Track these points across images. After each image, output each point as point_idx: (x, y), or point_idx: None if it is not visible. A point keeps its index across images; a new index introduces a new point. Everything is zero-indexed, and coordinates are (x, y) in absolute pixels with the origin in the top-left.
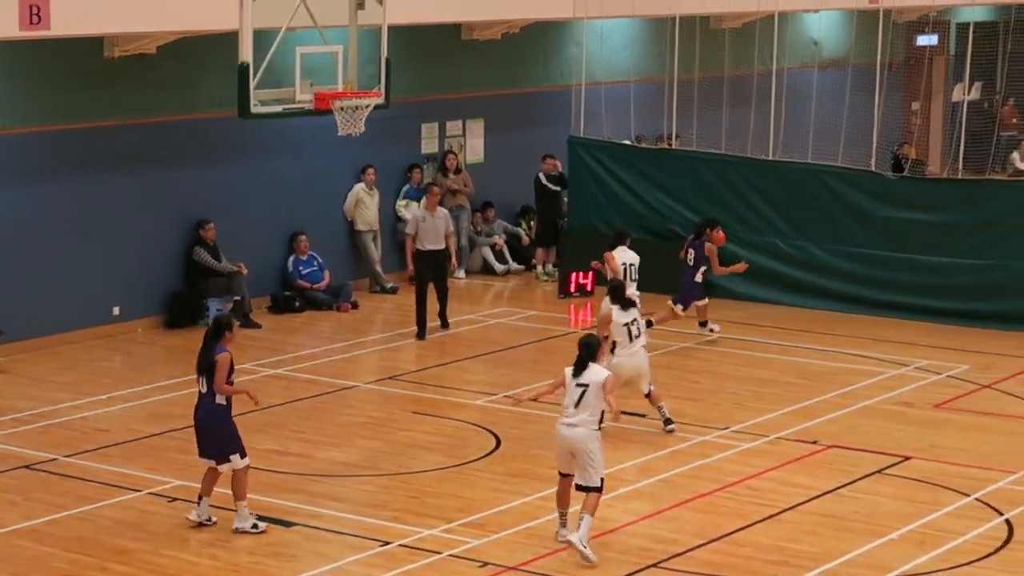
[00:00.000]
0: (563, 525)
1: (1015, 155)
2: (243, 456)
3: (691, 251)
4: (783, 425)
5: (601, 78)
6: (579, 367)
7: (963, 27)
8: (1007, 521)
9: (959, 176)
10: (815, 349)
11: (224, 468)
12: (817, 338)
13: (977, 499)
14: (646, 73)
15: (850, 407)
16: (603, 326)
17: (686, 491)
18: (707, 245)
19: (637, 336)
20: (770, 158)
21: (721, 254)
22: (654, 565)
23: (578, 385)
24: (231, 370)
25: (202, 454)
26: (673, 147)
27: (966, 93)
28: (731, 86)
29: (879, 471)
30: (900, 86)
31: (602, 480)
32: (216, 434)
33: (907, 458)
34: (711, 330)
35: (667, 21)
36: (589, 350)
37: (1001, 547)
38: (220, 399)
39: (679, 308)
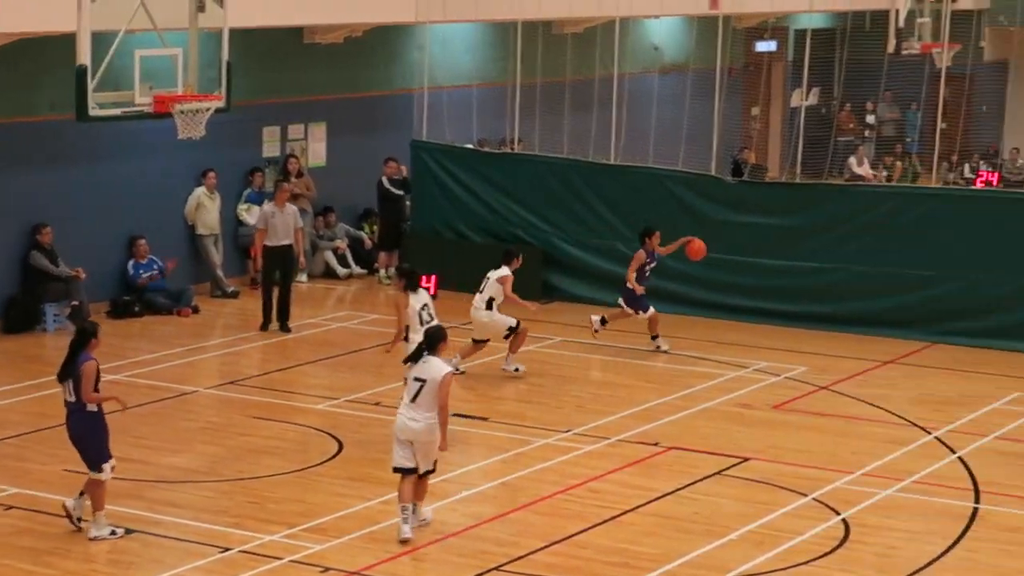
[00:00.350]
0: (405, 521)
1: (852, 160)
2: (112, 466)
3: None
4: (624, 427)
5: (444, 82)
6: (416, 358)
7: (801, 34)
8: (844, 520)
9: (797, 180)
10: (656, 351)
11: (103, 476)
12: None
13: (814, 499)
14: (489, 77)
15: (690, 409)
16: (399, 312)
17: (528, 494)
18: (638, 252)
19: (428, 321)
20: (612, 162)
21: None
22: (496, 568)
23: (416, 379)
24: (98, 378)
25: (88, 466)
26: (516, 151)
27: (804, 98)
28: (573, 90)
29: (719, 472)
30: (740, 91)
31: (435, 462)
32: (91, 443)
33: (746, 459)
34: (658, 347)
35: (509, 25)
36: (432, 340)
37: (838, 546)
38: (91, 407)
39: (631, 311)
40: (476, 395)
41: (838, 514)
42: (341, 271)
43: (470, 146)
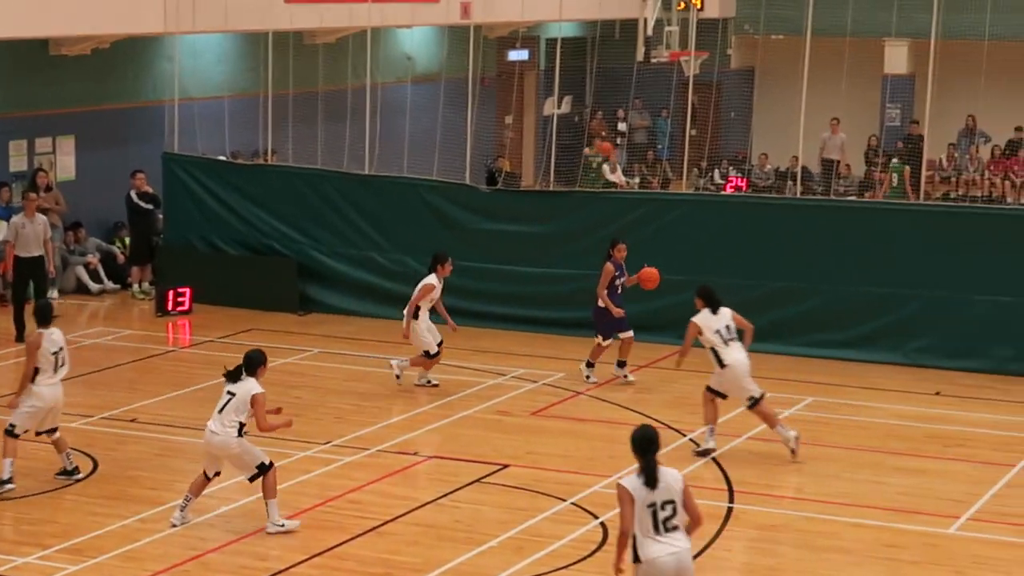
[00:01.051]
0: (182, 509)
1: (605, 166)
2: None
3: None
4: (384, 438)
5: (195, 93)
6: (234, 376)
7: (552, 42)
8: (602, 524)
9: (551, 188)
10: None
11: None
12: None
13: (573, 503)
14: (240, 88)
15: (449, 418)
16: (29, 353)
17: (288, 507)
18: (606, 266)
19: (62, 366)
20: (366, 172)
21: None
22: None
23: (228, 392)
24: None
25: None
26: (270, 163)
27: (556, 107)
28: (326, 101)
29: (478, 480)
30: (493, 100)
31: (264, 463)
32: None
33: (506, 466)
34: (625, 376)
35: (260, 36)
36: (249, 362)
37: (596, 550)
38: None
39: (599, 339)
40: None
41: (596, 518)
42: (93, 286)
43: (223, 158)
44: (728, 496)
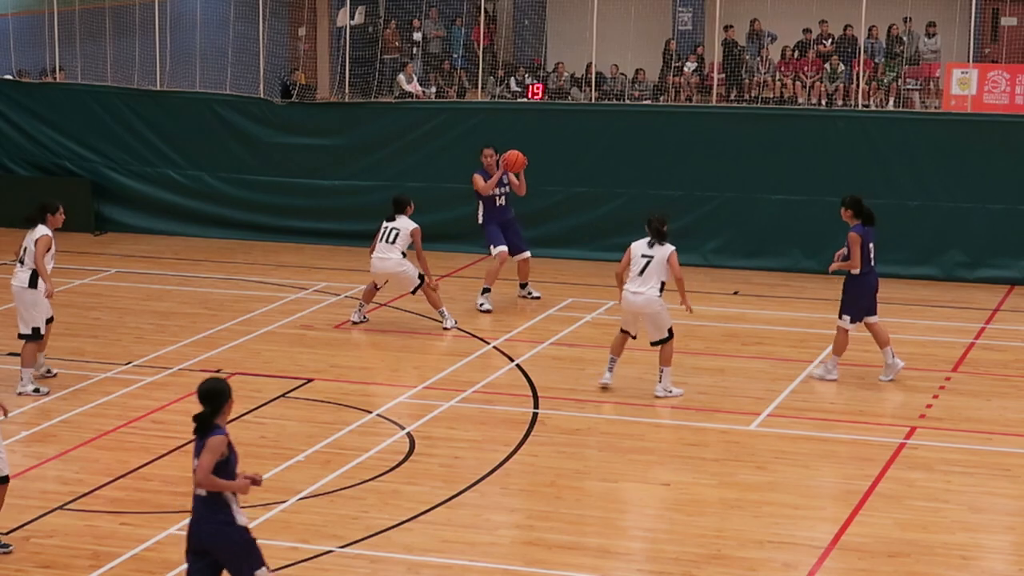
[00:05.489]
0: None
1: (401, 77)
2: None
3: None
4: (186, 356)
5: None
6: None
7: None
8: (409, 434)
9: (346, 100)
10: (216, 278)
11: None
12: (217, 267)
13: (379, 415)
14: (25, 5)
15: (252, 334)
16: None
17: (90, 430)
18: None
19: None
20: (158, 88)
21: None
22: (61, 508)
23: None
24: None
25: None
26: (58, 81)
27: (349, 18)
28: (115, 16)
29: (283, 395)
30: (286, 12)
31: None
32: None
33: (310, 380)
34: (529, 293)
35: None
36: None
37: (404, 460)
38: None
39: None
40: None
41: (403, 428)
42: None
43: (9, 77)
44: (533, 402)
